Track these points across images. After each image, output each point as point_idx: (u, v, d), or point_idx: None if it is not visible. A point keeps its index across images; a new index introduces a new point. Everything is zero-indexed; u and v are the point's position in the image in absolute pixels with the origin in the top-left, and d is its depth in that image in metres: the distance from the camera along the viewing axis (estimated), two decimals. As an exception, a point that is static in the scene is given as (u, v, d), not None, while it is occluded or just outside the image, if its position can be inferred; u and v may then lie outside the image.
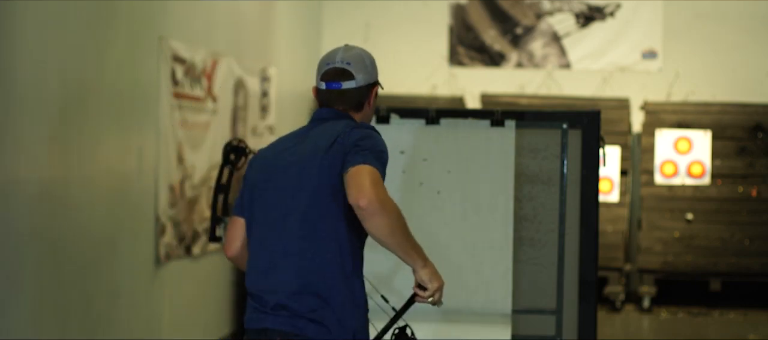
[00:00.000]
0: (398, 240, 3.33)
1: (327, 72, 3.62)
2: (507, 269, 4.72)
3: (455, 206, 4.76)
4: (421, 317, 4.73)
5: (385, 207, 3.25)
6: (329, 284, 3.38)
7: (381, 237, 3.30)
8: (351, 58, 3.62)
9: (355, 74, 3.60)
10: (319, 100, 3.62)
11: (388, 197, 3.28)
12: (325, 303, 3.37)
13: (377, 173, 3.30)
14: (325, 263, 3.38)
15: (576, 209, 4.85)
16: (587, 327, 4.85)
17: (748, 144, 10.12)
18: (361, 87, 3.59)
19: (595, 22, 10.93)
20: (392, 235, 3.30)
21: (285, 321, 3.37)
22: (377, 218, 3.25)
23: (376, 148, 3.38)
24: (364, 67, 3.61)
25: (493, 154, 4.75)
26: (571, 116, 4.87)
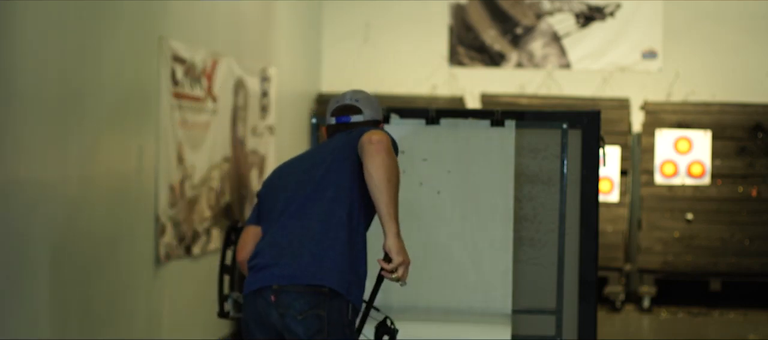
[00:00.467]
0: (391, 189, 3.50)
1: (337, 108, 3.92)
2: (507, 269, 4.72)
3: (455, 206, 4.76)
4: (422, 317, 4.74)
5: (389, 153, 3.50)
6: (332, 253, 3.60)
7: (377, 176, 3.49)
8: (360, 96, 3.92)
9: (362, 109, 3.89)
10: (329, 136, 3.92)
11: (394, 156, 3.53)
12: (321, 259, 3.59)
13: (389, 139, 3.58)
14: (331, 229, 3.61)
15: (576, 209, 4.85)
16: (587, 327, 4.85)
17: (748, 144, 10.12)
18: (368, 121, 3.88)
19: (595, 22, 10.93)
20: (388, 181, 3.49)
21: (276, 274, 3.57)
22: (382, 155, 3.48)
23: (388, 133, 3.65)
24: (371, 104, 3.92)
25: (493, 154, 4.75)
26: (571, 116, 4.87)
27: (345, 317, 3.58)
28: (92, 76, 5.73)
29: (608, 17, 10.91)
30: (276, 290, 3.55)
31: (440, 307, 4.73)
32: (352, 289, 3.60)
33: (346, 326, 3.58)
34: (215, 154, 7.56)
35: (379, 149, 3.49)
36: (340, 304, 3.56)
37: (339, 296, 3.56)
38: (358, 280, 3.64)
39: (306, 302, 3.53)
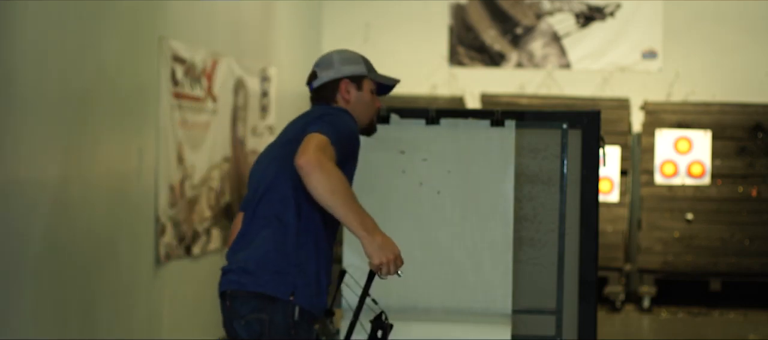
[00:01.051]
0: (339, 201, 3.39)
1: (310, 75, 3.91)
2: (507, 269, 4.72)
3: (455, 206, 4.76)
4: (422, 317, 4.73)
5: (322, 167, 3.37)
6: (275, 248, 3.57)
7: (320, 196, 3.40)
8: (321, 59, 3.89)
9: (319, 73, 3.85)
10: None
11: (328, 161, 3.40)
12: (263, 264, 3.56)
13: (326, 140, 3.45)
14: (276, 233, 3.57)
15: (576, 209, 4.85)
16: (587, 327, 4.85)
17: (748, 144, 10.12)
18: (325, 83, 3.81)
19: (595, 22, 10.93)
20: (332, 194, 3.38)
21: (230, 280, 3.62)
22: (315, 174, 3.36)
23: (336, 122, 3.58)
24: (330, 64, 3.83)
25: (493, 154, 4.75)
26: (571, 116, 4.87)
27: (290, 319, 3.52)
28: (92, 76, 5.73)
29: (608, 17, 10.91)
30: (230, 296, 3.60)
31: (440, 307, 4.73)
32: (300, 291, 3.54)
33: (291, 328, 3.53)
34: (215, 154, 7.56)
35: (308, 170, 3.38)
36: (284, 307, 3.52)
37: (280, 300, 3.52)
38: (308, 280, 3.56)
39: (250, 307, 3.55)
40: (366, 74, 3.83)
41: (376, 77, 3.86)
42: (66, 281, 5.47)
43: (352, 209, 3.41)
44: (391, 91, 3.93)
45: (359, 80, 3.81)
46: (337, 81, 3.80)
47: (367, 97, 3.82)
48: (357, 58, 3.85)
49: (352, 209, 3.41)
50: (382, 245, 3.44)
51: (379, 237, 3.44)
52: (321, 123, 3.56)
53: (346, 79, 3.79)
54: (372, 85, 3.84)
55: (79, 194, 5.60)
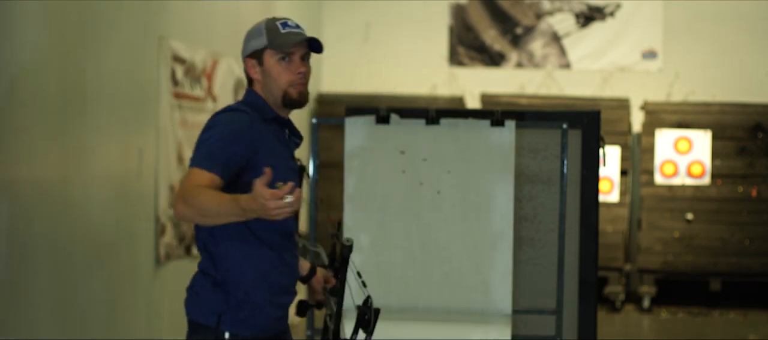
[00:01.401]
0: (211, 215, 3.14)
1: None
2: (507, 269, 4.72)
3: (455, 206, 4.75)
4: (422, 317, 4.73)
5: (180, 199, 3.15)
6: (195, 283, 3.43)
7: (199, 224, 3.27)
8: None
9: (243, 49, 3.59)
10: None
11: (186, 188, 3.17)
12: (192, 285, 3.45)
13: (195, 172, 3.22)
14: (203, 247, 3.38)
15: (576, 209, 4.85)
16: (587, 327, 4.85)
17: (748, 144, 10.12)
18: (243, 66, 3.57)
19: (595, 22, 10.93)
20: (204, 216, 3.15)
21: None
22: (179, 211, 3.16)
23: (206, 139, 3.31)
24: (245, 40, 3.57)
25: (493, 154, 4.75)
26: (571, 116, 4.86)
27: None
28: (92, 76, 5.73)
29: (608, 17, 10.91)
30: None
31: (440, 307, 4.73)
32: (225, 317, 3.32)
33: None
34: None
35: (180, 216, 3.18)
36: (206, 334, 3.33)
37: (203, 326, 3.35)
38: (234, 301, 3.32)
39: (188, 333, 3.43)
40: (264, 46, 3.46)
41: (276, 45, 3.45)
42: (66, 281, 5.47)
43: (224, 211, 3.11)
44: (321, 50, 3.53)
45: (260, 55, 3.48)
46: (244, 61, 3.53)
47: (273, 70, 3.44)
48: (258, 29, 3.52)
49: (224, 211, 3.11)
50: (255, 205, 3.02)
51: (245, 201, 3.05)
52: (195, 151, 3.32)
53: (249, 59, 3.50)
54: (277, 54, 3.45)
55: (79, 194, 5.60)
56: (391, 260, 4.70)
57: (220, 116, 3.39)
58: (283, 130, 3.52)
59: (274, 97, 3.45)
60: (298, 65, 3.46)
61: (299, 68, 3.46)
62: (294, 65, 3.46)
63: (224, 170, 3.24)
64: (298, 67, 3.46)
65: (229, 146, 3.29)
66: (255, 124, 3.38)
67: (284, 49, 3.44)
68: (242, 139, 3.31)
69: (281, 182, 3.03)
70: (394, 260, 4.71)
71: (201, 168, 3.22)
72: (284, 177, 3.25)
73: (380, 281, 4.68)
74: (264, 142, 3.38)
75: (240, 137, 3.31)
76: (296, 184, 3.16)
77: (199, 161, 3.25)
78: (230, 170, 3.25)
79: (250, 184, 3.05)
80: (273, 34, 3.48)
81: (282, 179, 3.17)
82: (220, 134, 3.31)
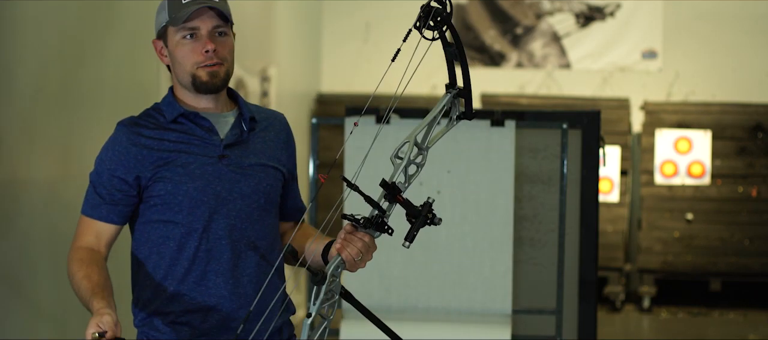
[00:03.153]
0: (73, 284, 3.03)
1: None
2: (507, 269, 4.72)
3: (455, 206, 4.75)
4: (422, 317, 4.73)
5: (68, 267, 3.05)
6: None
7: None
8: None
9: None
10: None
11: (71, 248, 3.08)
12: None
13: (79, 221, 3.11)
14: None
15: (576, 209, 4.85)
16: (587, 327, 4.85)
17: (748, 144, 10.12)
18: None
19: (595, 22, 10.93)
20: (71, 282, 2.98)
21: None
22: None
23: (93, 171, 3.11)
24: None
25: (493, 154, 4.75)
26: (571, 116, 4.87)
27: None
28: (92, 76, 5.73)
29: (608, 17, 10.91)
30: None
31: (440, 307, 4.73)
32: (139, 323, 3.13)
33: None
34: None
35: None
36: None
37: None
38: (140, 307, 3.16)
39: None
40: (166, 22, 2.99)
41: (175, 20, 2.94)
42: (66, 281, 5.46)
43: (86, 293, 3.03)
44: (229, 19, 2.99)
45: (164, 34, 3.02)
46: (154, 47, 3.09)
47: (177, 51, 2.95)
48: (161, 5, 3.03)
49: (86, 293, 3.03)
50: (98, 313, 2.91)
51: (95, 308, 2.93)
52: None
53: (155, 42, 3.08)
54: (179, 31, 2.94)
55: (79, 194, 5.59)
56: (391, 260, 4.70)
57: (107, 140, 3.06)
58: (207, 123, 2.96)
59: (185, 84, 2.97)
60: (204, 42, 2.90)
61: (206, 45, 2.89)
62: (200, 43, 2.91)
63: (112, 210, 3.02)
64: (205, 44, 2.90)
65: (110, 179, 3.00)
66: (140, 137, 2.96)
67: (181, 23, 2.91)
68: (122, 165, 2.96)
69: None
70: (394, 260, 4.71)
71: (83, 215, 3.06)
72: (196, 180, 2.90)
73: (380, 281, 4.68)
74: (154, 154, 2.93)
75: (119, 163, 2.97)
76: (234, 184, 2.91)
77: (82, 207, 3.06)
78: (121, 205, 2.98)
79: (161, 196, 2.86)
80: (174, 5, 2.94)
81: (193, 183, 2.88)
82: (101, 161, 3.04)
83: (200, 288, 2.92)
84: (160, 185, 2.88)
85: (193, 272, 2.92)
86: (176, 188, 2.88)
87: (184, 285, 2.94)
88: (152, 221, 2.94)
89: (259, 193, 2.96)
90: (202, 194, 2.89)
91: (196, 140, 2.93)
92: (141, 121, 3.00)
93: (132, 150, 2.93)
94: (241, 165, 2.94)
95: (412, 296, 4.73)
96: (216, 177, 2.90)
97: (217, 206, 2.90)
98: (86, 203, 3.05)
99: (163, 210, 2.90)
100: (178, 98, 2.99)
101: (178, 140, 2.92)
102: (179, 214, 2.89)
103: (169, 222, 2.90)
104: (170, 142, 2.92)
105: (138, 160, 2.91)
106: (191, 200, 2.88)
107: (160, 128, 2.95)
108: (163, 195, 2.89)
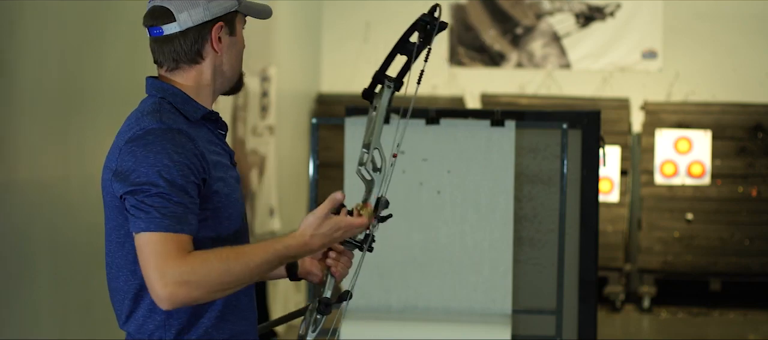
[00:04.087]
0: (242, 278, 2.35)
1: (147, 12, 2.61)
2: (507, 269, 4.72)
3: (455, 206, 4.76)
4: (422, 317, 4.73)
5: (185, 286, 2.29)
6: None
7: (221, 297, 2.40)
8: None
9: (175, 12, 2.50)
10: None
11: (180, 274, 2.28)
12: None
13: (157, 239, 2.30)
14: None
15: (576, 209, 4.85)
16: (587, 327, 4.85)
17: (748, 144, 10.12)
18: (188, 30, 2.51)
19: (595, 22, 10.93)
20: (226, 287, 2.34)
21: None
22: (188, 301, 2.33)
23: (142, 180, 2.35)
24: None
25: (493, 154, 4.75)
26: (571, 116, 4.87)
27: None
28: (92, 76, 5.73)
29: (608, 17, 10.91)
30: None
31: (440, 307, 4.73)
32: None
33: None
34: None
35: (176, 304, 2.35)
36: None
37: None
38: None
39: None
40: (238, 7, 2.58)
41: (248, 9, 2.63)
42: (66, 281, 5.47)
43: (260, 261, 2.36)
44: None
45: (232, 19, 2.58)
46: (206, 26, 2.51)
47: (241, 42, 2.63)
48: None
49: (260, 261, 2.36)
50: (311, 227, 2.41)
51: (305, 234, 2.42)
52: (135, 205, 2.33)
53: (220, 22, 2.53)
54: (242, 22, 2.64)
55: (80, 194, 5.60)
56: (391, 260, 4.70)
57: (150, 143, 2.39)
58: (215, 129, 2.58)
59: (228, 81, 2.59)
60: (243, 41, 2.64)
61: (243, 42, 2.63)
62: (241, 36, 2.62)
63: (195, 221, 2.37)
64: (243, 39, 2.63)
65: (183, 172, 2.36)
66: (198, 139, 2.45)
67: (262, 16, 2.65)
68: (194, 170, 2.39)
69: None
70: (394, 260, 4.71)
71: (169, 232, 2.30)
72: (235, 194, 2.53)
73: (380, 281, 4.68)
74: (207, 160, 2.45)
75: (187, 160, 2.39)
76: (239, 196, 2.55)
77: (146, 223, 2.31)
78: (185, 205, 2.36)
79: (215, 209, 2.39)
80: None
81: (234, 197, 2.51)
82: (154, 162, 2.37)
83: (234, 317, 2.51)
84: (216, 196, 2.45)
85: (231, 300, 2.48)
86: (228, 199, 2.48)
87: (224, 314, 2.49)
88: (202, 239, 2.42)
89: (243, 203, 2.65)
90: (240, 207, 2.54)
91: (217, 144, 2.54)
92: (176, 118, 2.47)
93: (196, 153, 2.41)
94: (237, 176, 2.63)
95: (412, 296, 4.73)
96: (239, 187, 2.59)
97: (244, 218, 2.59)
98: (162, 219, 2.30)
99: (214, 225, 2.45)
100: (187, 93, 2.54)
101: (208, 141, 2.50)
102: (228, 230, 2.48)
103: (217, 240, 2.45)
104: (207, 143, 2.48)
105: (203, 165, 2.41)
106: (237, 214, 2.51)
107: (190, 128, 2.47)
108: (219, 207, 2.45)
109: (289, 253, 2.39)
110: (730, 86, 10.70)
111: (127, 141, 2.46)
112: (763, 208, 10.04)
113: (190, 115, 2.49)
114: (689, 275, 10.14)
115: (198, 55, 2.53)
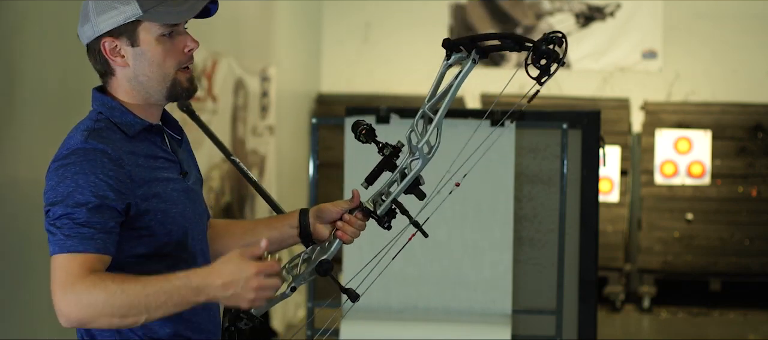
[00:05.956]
0: (137, 302, 2.26)
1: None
2: (507, 269, 4.72)
3: (455, 206, 4.76)
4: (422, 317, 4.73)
5: (77, 305, 2.37)
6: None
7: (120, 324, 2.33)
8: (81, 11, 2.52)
9: (80, 33, 2.57)
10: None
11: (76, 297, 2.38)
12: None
13: (62, 261, 2.45)
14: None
15: (576, 209, 4.85)
16: (587, 327, 4.85)
17: (748, 144, 10.12)
18: (88, 47, 2.57)
19: (595, 22, 10.93)
20: (121, 311, 2.28)
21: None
22: (83, 319, 2.39)
23: (54, 200, 2.42)
24: (86, 16, 2.52)
25: (493, 154, 4.75)
26: (571, 116, 4.87)
27: None
28: (92, 76, 5.72)
29: (608, 17, 10.91)
30: None
31: (440, 307, 4.73)
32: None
33: None
34: (215, 154, 7.56)
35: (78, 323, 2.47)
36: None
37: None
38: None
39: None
40: (139, 16, 2.42)
41: (156, 16, 2.41)
42: (66, 281, 5.46)
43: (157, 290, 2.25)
44: (215, 12, 2.65)
45: (132, 30, 2.46)
46: (98, 41, 2.53)
47: (153, 50, 2.45)
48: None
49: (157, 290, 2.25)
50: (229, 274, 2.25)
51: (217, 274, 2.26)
52: (50, 228, 2.45)
53: (108, 37, 2.50)
54: (158, 29, 2.43)
55: (79, 194, 5.60)
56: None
57: (69, 165, 2.44)
58: (159, 139, 2.53)
59: (153, 92, 2.48)
60: (185, 39, 2.48)
61: (188, 43, 2.49)
62: (180, 40, 2.47)
63: (107, 240, 2.35)
64: (186, 41, 2.48)
65: (97, 210, 2.33)
66: (122, 153, 2.41)
67: (172, 20, 2.43)
68: (114, 189, 2.36)
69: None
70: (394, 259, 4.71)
71: (71, 252, 2.38)
72: (176, 208, 2.47)
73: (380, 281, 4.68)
74: (138, 176, 2.40)
75: (111, 188, 2.35)
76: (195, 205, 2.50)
77: (58, 246, 2.41)
78: (114, 234, 2.36)
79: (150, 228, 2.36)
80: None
81: (174, 211, 2.45)
82: (73, 181, 2.42)
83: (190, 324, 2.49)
84: (148, 215, 2.41)
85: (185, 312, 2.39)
86: (164, 215, 2.43)
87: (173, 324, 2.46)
88: (138, 256, 2.42)
89: (205, 212, 2.63)
90: (183, 220, 2.47)
91: (161, 157, 2.49)
92: (109, 136, 2.45)
93: (117, 176, 2.37)
94: (190, 183, 2.56)
95: (412, 296, 4.73)
96: (187, 199, 2.51)
97: (190, 231, 2.52)
98: (66, 241, 2.40)
99: (149, 241, 2.43)
100: (126, 106, 2.51)
101: (148, 156, 2.46)
102: (168, 245, 2.44)
103: (155, 256, 2.45)
104: (146, 159, 2.45)
105: (126, 186, 2.38)
106: (179, 228, 2.45)
107: (127, 143, 2.45)
108: (153, 225, 2.41)
109: (191, 284, 2.24)
110: (730, 86, 10.70)
111: (53, 159, 2.54)
112: (763, 208, 10.04)
113: (127, 130, 2.47)
114: (689, 275, 10.14)
115: (108, 69, 2.56)
